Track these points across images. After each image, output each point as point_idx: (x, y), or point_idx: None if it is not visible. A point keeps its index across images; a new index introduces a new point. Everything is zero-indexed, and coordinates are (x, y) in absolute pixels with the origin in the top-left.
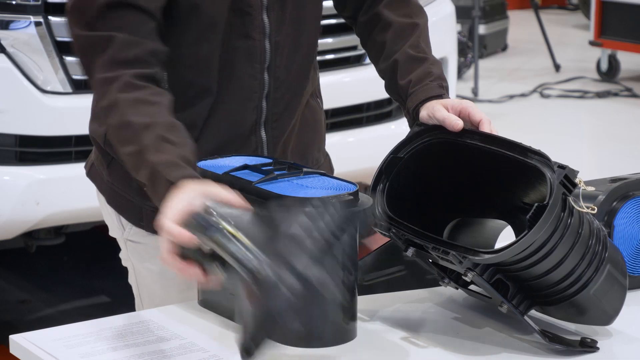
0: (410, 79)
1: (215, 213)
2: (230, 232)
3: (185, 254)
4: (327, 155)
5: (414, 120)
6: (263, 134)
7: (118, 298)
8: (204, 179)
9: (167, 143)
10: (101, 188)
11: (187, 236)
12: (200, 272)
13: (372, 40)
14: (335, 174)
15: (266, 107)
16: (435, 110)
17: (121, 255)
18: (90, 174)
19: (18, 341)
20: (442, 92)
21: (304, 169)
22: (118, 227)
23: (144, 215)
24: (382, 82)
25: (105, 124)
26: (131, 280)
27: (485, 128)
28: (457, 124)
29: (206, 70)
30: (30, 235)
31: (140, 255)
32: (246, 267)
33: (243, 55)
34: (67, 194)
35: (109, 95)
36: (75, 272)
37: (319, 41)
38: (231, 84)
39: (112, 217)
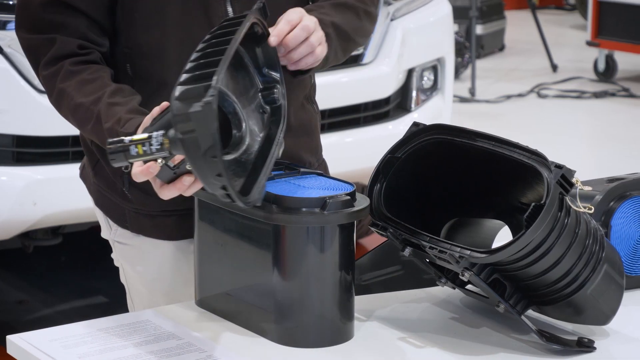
0: None
1: (122, 138)
2: (139, 139)
3: (165, 177)
4: (323, 161)
5: None
6: None
7: (115, 298)
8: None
9: (115, 106)
10: (90, 189)
11: (142, 170)
12: (190, 176)
13: None
14: (332, 174)
15: None
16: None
17: (112, 255)
18: (82, 175)
19: (15, 341)
20: None
21: (301, 169)
22: (107, 228)
23: (127, 216)
24: (380, 82)
25: (62, 114)
26: (122, 279)
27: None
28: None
29: (161, 59)
30: (27, 235)
31: (128, 256)
32: (172, 150)
33: None
34: (64, 194)
35: (55, 88)
36: (72, 272)
37: None
38: None
39: (101, 218)
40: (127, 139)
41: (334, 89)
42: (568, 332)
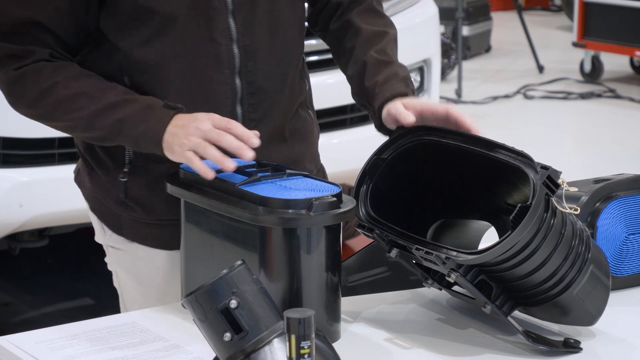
0: (376, 81)
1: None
2: None
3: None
4: (321, 167)
5: (380, 122)
6: None
7: (102, 300)
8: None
9: (135, 95)
10: (85, 195)
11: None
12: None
13: (342, 47)
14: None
15: (241, 113)
16: (391, 107)
17: (106, 259)
18: (77, 180)
19: (1, 344)
20: (407, 90)
21: (287, 171)
22: (101, 233)
23: (123, 223)
24: None
25: (37, 108)
26: (115, 284)
27: (467, 123)
28: (408, 118)
29: (159, 74)
30: (13, 237)
31: (121, 262)
32: None
33: (210, 60)
34: (50, 196)
35: (37, 83)
36: (58, 274)
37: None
38: (199, 90)
39: (96, 223)
40: None
41: (320, 91)
42: (554, 333)
